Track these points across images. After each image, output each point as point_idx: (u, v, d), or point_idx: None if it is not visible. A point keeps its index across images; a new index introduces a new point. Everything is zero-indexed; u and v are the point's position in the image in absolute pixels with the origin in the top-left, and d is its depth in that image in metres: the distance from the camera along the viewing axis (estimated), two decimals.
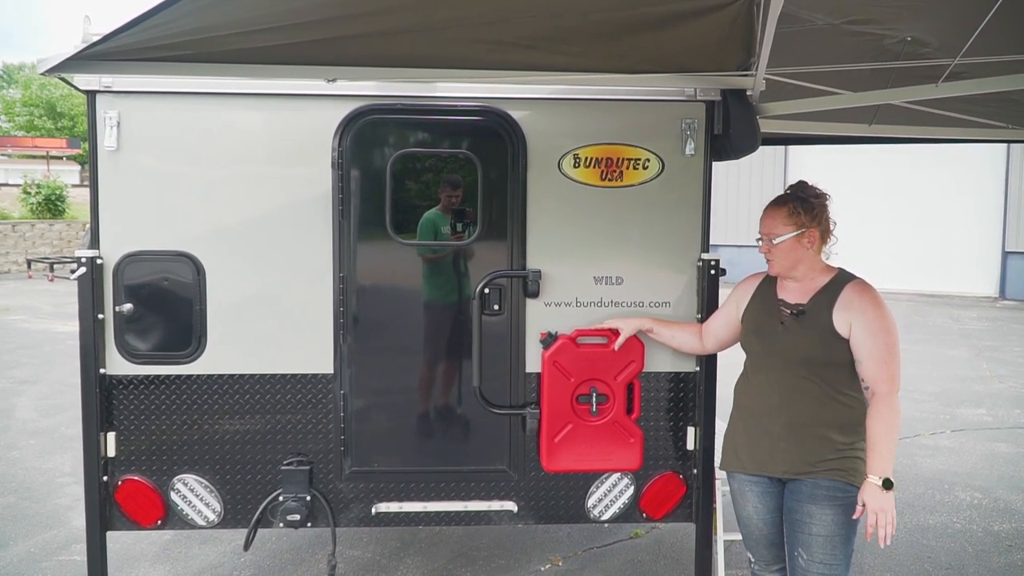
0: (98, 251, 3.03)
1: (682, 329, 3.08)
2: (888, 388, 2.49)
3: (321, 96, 3.03)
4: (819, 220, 2.65)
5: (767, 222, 2.70)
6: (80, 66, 2.64)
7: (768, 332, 2.69)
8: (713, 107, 3.12)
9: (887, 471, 2.42)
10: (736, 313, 2.85)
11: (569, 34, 2.60)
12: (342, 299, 3.11)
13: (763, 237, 2.70)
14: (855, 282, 2.64)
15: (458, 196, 3.13)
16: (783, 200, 2.69)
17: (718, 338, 2.97)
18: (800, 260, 2.65)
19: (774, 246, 2.66)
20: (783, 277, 2.72)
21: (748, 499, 2.76)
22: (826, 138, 5.47)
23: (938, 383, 8.56)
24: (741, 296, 2.86)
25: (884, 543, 2.40)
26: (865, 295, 2.59)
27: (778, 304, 2.70)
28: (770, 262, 2.71)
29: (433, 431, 3.24)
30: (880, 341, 2.51)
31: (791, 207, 2.65)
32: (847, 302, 2.57)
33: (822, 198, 2.69)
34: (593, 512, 3.29)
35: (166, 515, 3.17)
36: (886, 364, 2.50)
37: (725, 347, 3.00)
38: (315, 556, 4.19)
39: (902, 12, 2.85)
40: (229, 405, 3.13)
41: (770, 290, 2.77)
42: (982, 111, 4.15)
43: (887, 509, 2.40)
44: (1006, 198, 16.13)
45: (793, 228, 2.63)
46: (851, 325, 2.53)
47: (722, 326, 2.94)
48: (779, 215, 2.66)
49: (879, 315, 2.54)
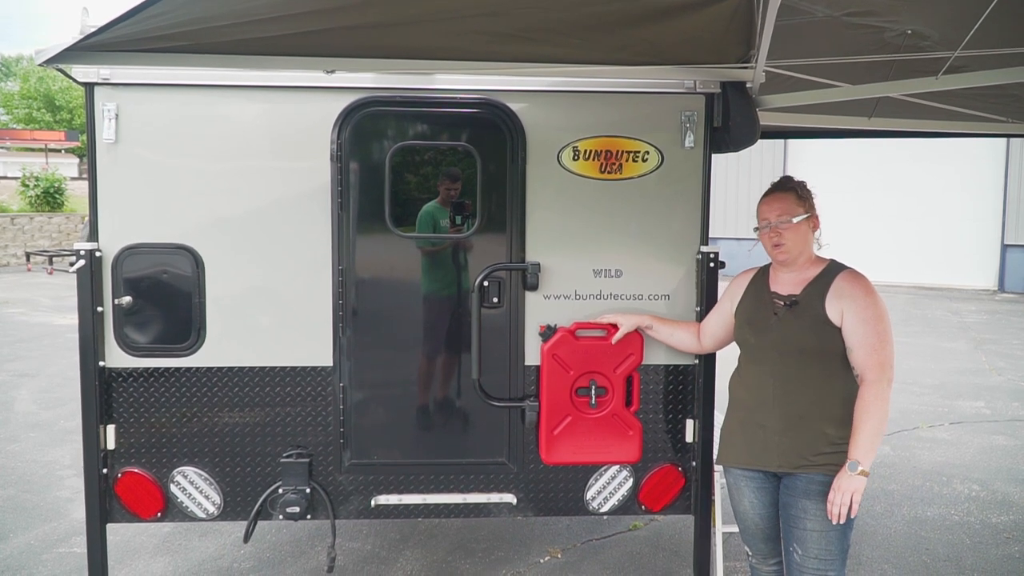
0: (97, 244, 3.03)
1: (681, 327, 3.09)
2: (876, 376, 2.50)
3: (320, 88, 3.02)
4: (815, 210, 2.72)
5: (778, 205, 2.68)
6: (78, 57, 2.63)
7: (761, 323, 2.69)
8: (713, 99, 3.11)
9: (859, 455, 2.45)
10: (731, 309, 2.86)
11: (568, 26, 2.59)
12: (341, 292, 3.11)
13: (773, 221, 2.66)
14: (847, 271, 2.66)
15: (457, 189, 3.12)
16: (787, 186, 2.72)
17: (715, 336, 2.97)
18: (807, 244, 2.68)
19: (792, 226, 2.64)
20: (789, 264, 2.70)
21: (744, 493, 2.77)
22: (826, 131, 5.47)
23: (937, 376, 8.57)
24: (735, 292, 2.86)
25: (835, 520, 2.44)
26: (857, 283, 2.60)
27: (771, 296, 2.71)
28: (779, 248, 2.67)
29: (432, 424, 3.25)
30: (871, 329, 2.51)
31: (798, 192, 2.70)
32: (839, 291, 2.58)
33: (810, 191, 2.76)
34: (592, 504, 3.30)
35: (166, 507, 3.17)
36: (876, 352, 2.50)
37: (723, 345, 3.01)
38: (315, 548, 4.21)
39: (902, 5, 2.85)
40: (228, 398, 3.14)
41: (763, 283, 2.77)
42: (982, 105, 4.14)
43: (846, 490, 2.43)
44: (1005, 191, 16.14)
45: (804, 211, 2.66)
46: (843, 313, 2.54)
47: (718, 324, 2.94)
48: (789, 198, 2.69)
49: (870, 303, 2.55)
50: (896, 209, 16.91)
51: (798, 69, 3.58)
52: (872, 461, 2.48)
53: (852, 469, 2.44)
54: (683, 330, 3.08)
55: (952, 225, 16.64)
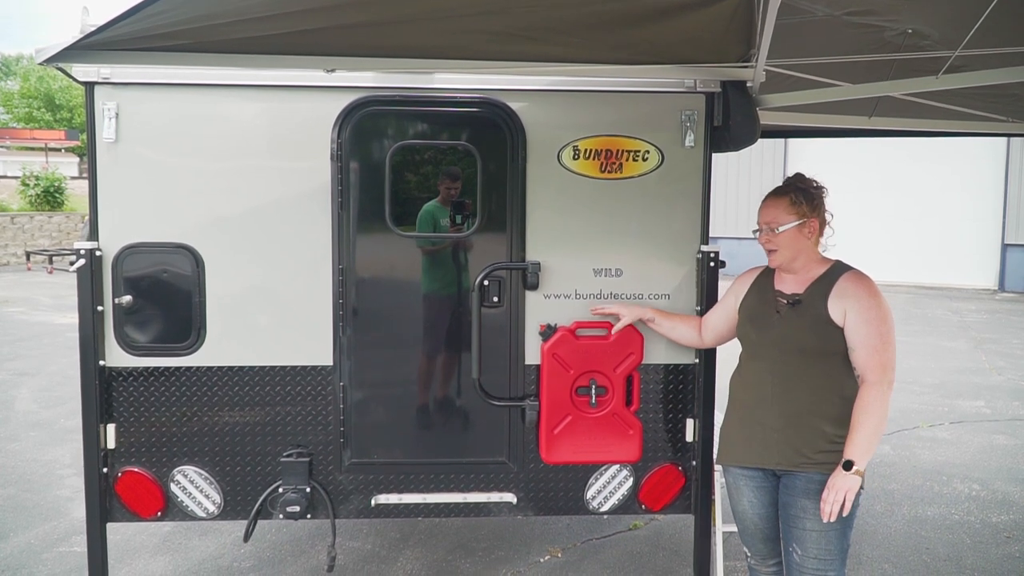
0: (97, 243, 3.02)
1: (682, 321, 3.09)
2: (877, 377, 2.49)
3: (320, 87, 3.02)
4: (818, 211, 2.67)
5: (769, 211, 2.70)
6: (78, 56, 2.63)
7: (764, 320, 2.69)
8: (713, 99, 3.11)
9: (854, 454, 2.45)
10: (735, 305, 2.86)
11: (569, 25, 2.59)
12: (341, 291, 3.11)
13: (764, 227, 2.70)
14: (851, 272, 2.65)
15: (457, 188, 3.12)
16: (784, 190, 2.70)
17: (717, 331, 2.97)
18: (801, 250, 2.66)
19: (777, 235, 2.65)
20: (783, 269, 2.72)
21: (743, 493, 2.77)
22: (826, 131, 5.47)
23: (937, 375, 8.57)
24: (739, 288, 2.86)
25: (826, 518, 2.45)
26: (860, 284, 2.60)
27: (775, 294, 2.71)
28: (771, 253, 2.70)
29: (432, 423, 3.25)
30: (874, 330, 2.51)
31: (792, 196, 2.66)
32: (842, 291, 2.58)
33: (820, 189, 2.71)
34: (592, 504, 3.30)
35: (166, 507, 3.17)
36: (878, 353, 2.50)
37: (723, 340, 3.01)
38: (315, 547, 4.21)
39: (902, 4, 2.84)
40: (229, 397, 3.14)
41: (768, 281, 2.77)
42: (982, 104, 4.14)
43: (840, 489, 2.44)
44: (1006, 191, 16.13)
45: (795, 217, 2.64)
46: (845, 313, 2.54)
47: (721, 319, 2.94)
48: (781, 204, 2.67)
49: (873, 304, 2.54)
50: (896, 208, 16.91)
51: (798, 68, 3.58)
52: (868, 462, 2.48)
53: (847, 468, 2.44)
54: (684, 324, 3.08)
55: (952, 224, 16.64)
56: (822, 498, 2.47)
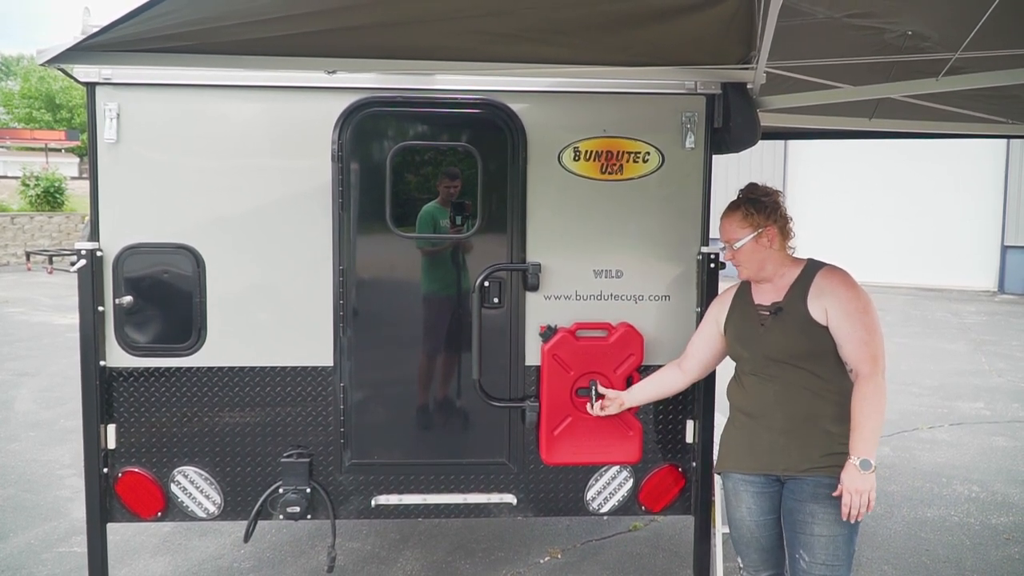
0: (98, 243, 3.03)
1: (659, 375, 3.00)
2: (870, 368, 2.48)
3: (321, 88, 3.02)
4: (774, 217, 2.65)
5: (724, 229, 2.71)
6: (80, 57, 2.63)
7: (750, 336, 2.68)
8: (713, 100, 3.11)
9: (867, 452, 2.42)
10: (716, 329, 2.83)
11: (569, 26, 2.59)
12: (342, 292, 3.11)
13: (725, 244, 2.72)
14: (825, 268, 2.65)
15: (456, 187, 3.13)
16: (735, 205, 2.70)
17: (701, 360, 2.90)
18: (766, 260, 2.66)
19: (737, 251, 2.66)
20: (755, 280, 2.72)
21: (742, 499, 2.73)
22: (826, 132, 5.48)
23: (936, 377, 8.57)
24: (717, 312, 2.84)
25: (853, 518, 2.42)
26: (835, 279, 2.59)
27: (756, 309, 2.70)
28: (738, 267, 2.71)
29: (433, 424, 3.25)
30: (857, 322, 2.51)
31: (744, 210, 2.66)
32: (819, 290, 2.58)
33: (773, 195, 2.69)
34: (592, 505, 3.30)
35: (166, 507, 3.17)
36: (866, 344, 2.49)
37: (710, 368, 2.95)
38: (315, 548, 4.21)
39: (903, 6, 2.85)
40: (229, 397, 3.14)
41: (746, 296, 2.76)
42: (982, 106, 4.15)
43: (863, 491, 2.40)
44: (1005, 193, 16.13)
45: (750, 230, 2.64)
46: (827, 311, 2.54)
47: (703, 347, 2.89)
48: (734, 220, 2.68)
49: (852, 296, 2.54)
50: (896, 209, 16.90)
51: (799, 70, 3.58)
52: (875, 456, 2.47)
53: (865, 468, 2.40)
54: (661, 376, 2.98)
55: (952, 226, 16.63)
56: (843, 501, 2.42)
